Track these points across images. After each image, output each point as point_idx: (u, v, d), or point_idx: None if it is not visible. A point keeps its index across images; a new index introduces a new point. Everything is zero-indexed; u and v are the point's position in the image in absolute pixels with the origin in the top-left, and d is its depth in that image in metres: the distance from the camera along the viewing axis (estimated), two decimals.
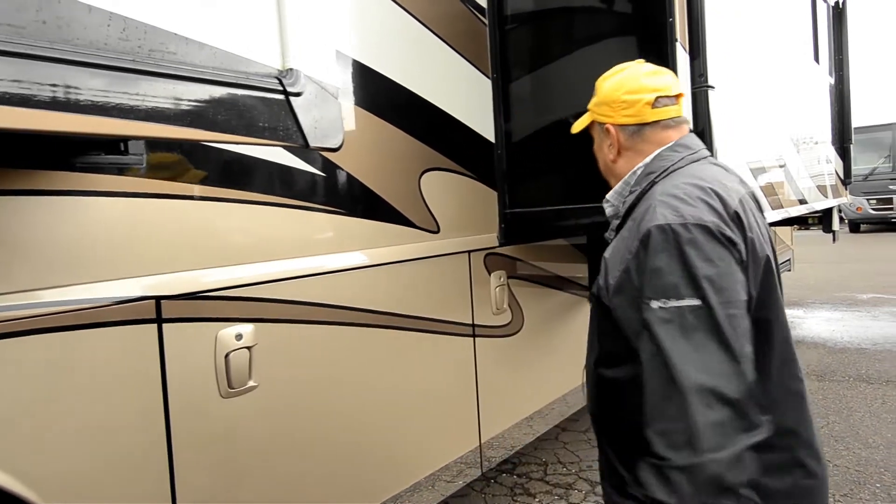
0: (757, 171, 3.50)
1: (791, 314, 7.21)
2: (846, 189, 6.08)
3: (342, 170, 2.05)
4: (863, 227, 16.90)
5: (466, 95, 2.67)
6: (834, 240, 5.90)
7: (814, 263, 10.65)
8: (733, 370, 1.08)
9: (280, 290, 1.85)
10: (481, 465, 2.73)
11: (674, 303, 1.11)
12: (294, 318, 1.91)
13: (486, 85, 2.77)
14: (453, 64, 2.61)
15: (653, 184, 1.29)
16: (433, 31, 2.48)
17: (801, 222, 5.64)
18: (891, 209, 15.51)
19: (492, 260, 2.80)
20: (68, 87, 0.83)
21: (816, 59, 4.97)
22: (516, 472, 3.65)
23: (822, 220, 5.47)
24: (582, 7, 2.77)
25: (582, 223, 3.38)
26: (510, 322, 2.93)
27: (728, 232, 1.16)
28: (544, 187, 2.97)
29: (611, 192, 1.42)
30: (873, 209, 15.81)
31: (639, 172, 1.36)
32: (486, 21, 2.75)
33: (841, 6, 5.57)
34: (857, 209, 15.94)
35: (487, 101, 2.77)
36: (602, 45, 2.73)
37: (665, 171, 1.30)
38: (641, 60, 1.45)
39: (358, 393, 2.15)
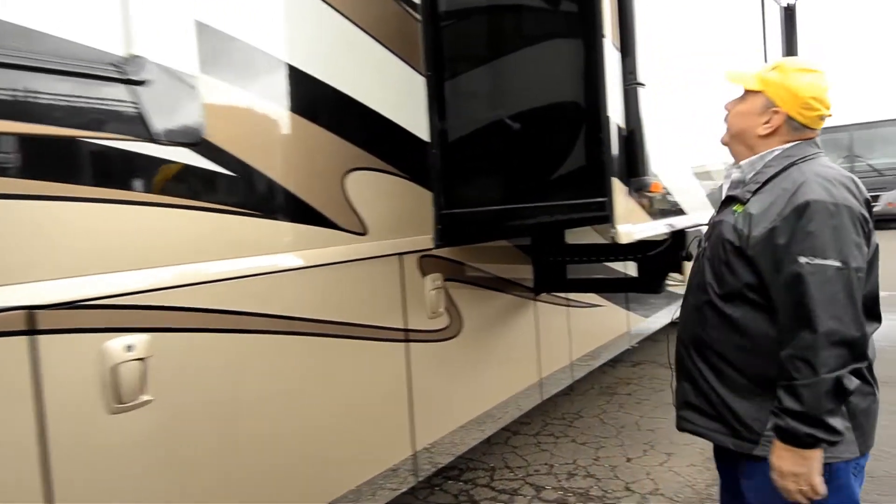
0: (702, 176, 3.48)
1: None
2: None
3: (249, 167, 1.93)
4: None
5: (397, 93, 2.58)
6: None
7: None
8: (854, 318, 1.42)
9: (180, 296, 1.74)
10: (416, 473, 2.64)
11: (819, 261, 1.42)
12: (198, 327, 1.80)
13: (419, 83, 2.68)
14: (382, 60, 2.51)
15: (792, 164, 1.56)
16: (360, 27, 2.39)
17: None
18: None
19: (427, 262, 2.72)
20: None
21: (766, 61, 5.00)
22: (462, 477, 3.58)
23: None
24: (516, 5, 2.71)
25: (528, 224, 3.33)
26: (447, 326, 2.85)
27: (863, 212, 1.49)
28: (485, 187, 2.90)
29: (745, 161, 1.66)
30: None
31: (776, 153, 1.61)
32: (419, 17, 2.66)
33: (791, 7, 5.61)
34: None
35: (421, 99, 2.69)
36: (536, 42, 2.67)
37: (803, 158, 1.58)
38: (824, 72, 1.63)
39: (274, 403, 2.05)
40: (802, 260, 1.42)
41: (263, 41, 2.01)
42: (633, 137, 2.37)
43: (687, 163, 3.19)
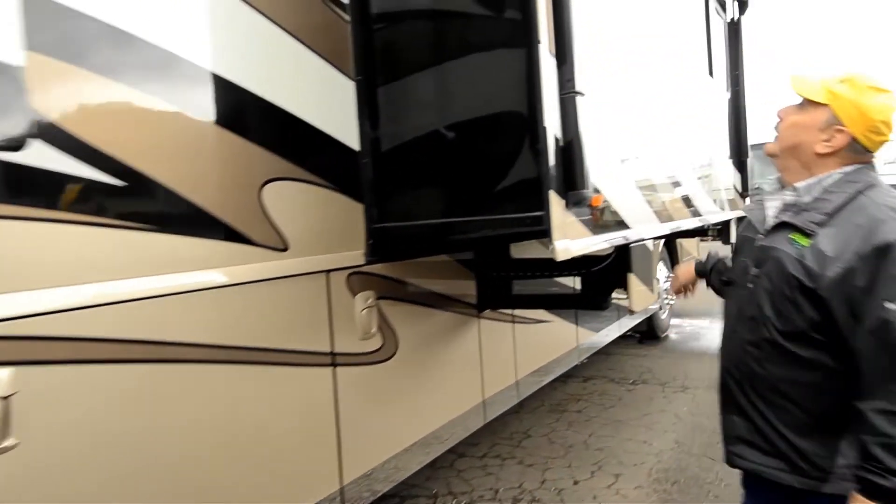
0: (647, 189, 3.40)
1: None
2: (744, 202, 6.19)
3: (141, 175, 1.72)
4: None
5: (322, 98, 2.41)
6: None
7: None
8: None
9: (51, 324, 1.52)
10: None
11: None
12: (77, 359, 1.59)
13: (348, 88, 2.52)
14: (305, 62, 2.34)
15: (858, 193, 1.45)
16: (274, 21, 2.21)
17: (701, 234, 5.68)
18: None
19: (357, 280, 2.54)
20: None
21: (711, 74, 5.01)
22: None
23: (721, 232, 5.54)
24: (451, 11, 2.57)
25: (471, 238, 3.19)
26: (381, 347, 2.67)
27: None
28: (422, 199, 2.74)
29: (801, 184, 1.53)
30: None
31: (835, 178, 1.49)
32: (348, 18, 2.50)
33: (736, 21, 5.67)
34: None
35: (351, 105, 2.52)
36: (474, 48, 2.54)
37: (868, 185, 1.47)
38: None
39: (176, 442, 1.83)
40: (891, 307, 1.34)
41: (134, 25, 1.74)
42: (571, 149, 2.25)
43: (630, 175, 3.10)
